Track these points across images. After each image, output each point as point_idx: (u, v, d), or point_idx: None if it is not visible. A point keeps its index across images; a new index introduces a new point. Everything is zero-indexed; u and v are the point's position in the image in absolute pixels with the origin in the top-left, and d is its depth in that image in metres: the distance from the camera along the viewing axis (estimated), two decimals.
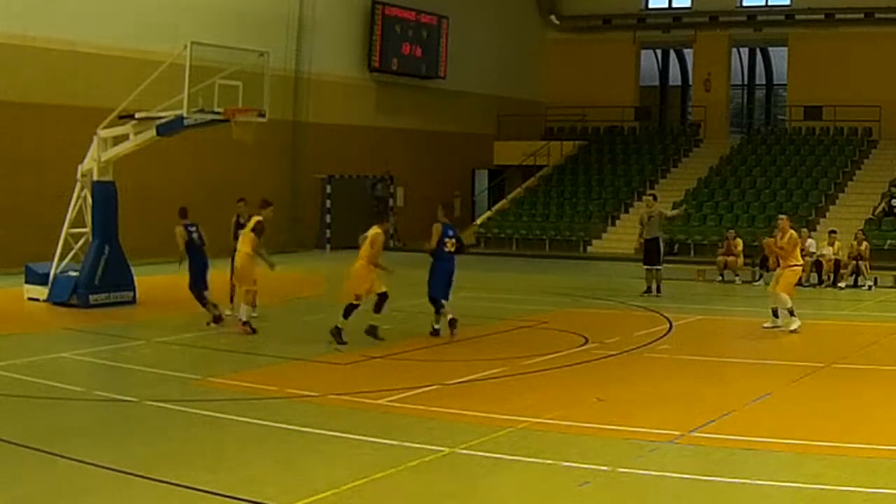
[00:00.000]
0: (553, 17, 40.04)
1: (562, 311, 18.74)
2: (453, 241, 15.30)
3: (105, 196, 18.59)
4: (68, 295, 18.21)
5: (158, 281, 20.02)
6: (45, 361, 13.12)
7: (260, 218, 15.58)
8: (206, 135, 21.86)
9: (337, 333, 14.32)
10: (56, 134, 23.35)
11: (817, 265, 22.59)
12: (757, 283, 22.47)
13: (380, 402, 10.75)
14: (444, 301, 15.20)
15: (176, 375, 12.18)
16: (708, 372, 12.99)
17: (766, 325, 15.87)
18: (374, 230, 14.78)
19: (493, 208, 35.33)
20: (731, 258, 23.71)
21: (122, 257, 18.58)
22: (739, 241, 23.98)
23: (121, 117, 18.57)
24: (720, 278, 23.56)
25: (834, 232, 23.72)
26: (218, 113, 17.96)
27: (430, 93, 35.33)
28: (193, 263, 16.18)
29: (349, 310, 14.45)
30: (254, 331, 15.17)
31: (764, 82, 42.98)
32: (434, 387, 11.60)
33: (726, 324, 17.12)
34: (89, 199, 18.68)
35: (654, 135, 38.52)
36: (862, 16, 34.92)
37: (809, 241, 23.15)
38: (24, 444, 8.97)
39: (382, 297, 14.60)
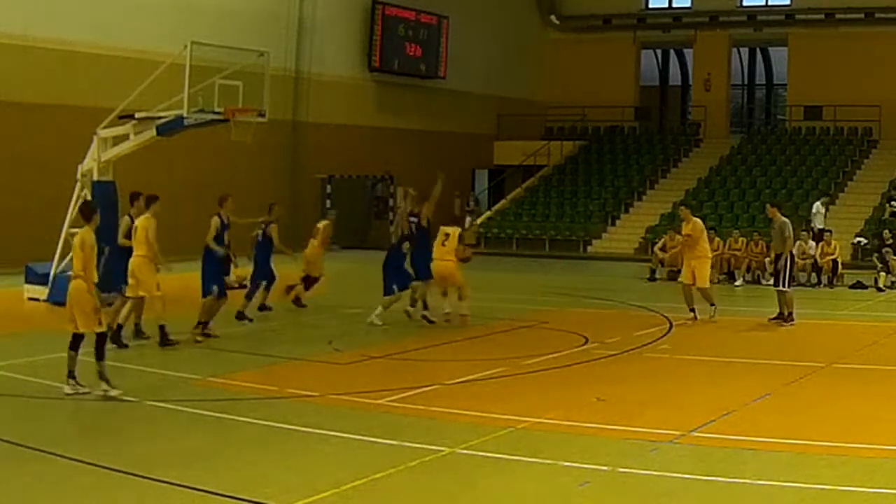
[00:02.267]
0: (553, 17, 40.05)
1: (562, 311, 18.74)
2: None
3: (105, 196, 18.56)
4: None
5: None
6: (45, 361, 13.10)
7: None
8: (206, 135, 21.85)
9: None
10: (56, 134, 23.34)
11: (815, 265, 22.67)
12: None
13: (380, 402, 10.74)
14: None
15: (176, 375, 12.18)
16: (708, 372, 12.99)
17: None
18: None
19: (493, 208, 35.34)
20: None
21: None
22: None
23: (121, 117, 18.57)
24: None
25: (829, 232, 23.71)
26: (218, 113, 17.96)
27: (430, 93, 35.34)
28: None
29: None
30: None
31: (764, 82, 42.99)
32: (434, 387, 11.59)
33: (726, 324, 17.10)
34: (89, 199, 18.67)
35: (654, 135, 38.54)
36: (862, 16, 34.95)
37: (811, 242, 23.18)
38: (24, 444, 8.96)
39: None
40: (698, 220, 17.55)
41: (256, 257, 17.03)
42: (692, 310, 16.97)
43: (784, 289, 16.54)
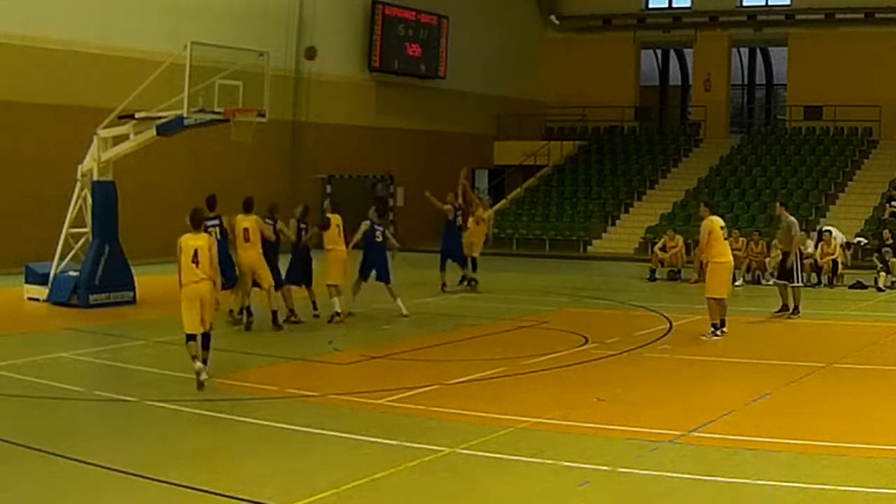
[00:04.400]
0: (553, 17, 40.05)
1: (562, 311, 18.74)
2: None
3: (105, 196, 18.59)
4: (68, 295, 18.21)
5: (158, 281, 20.00)
6: (45, 361, 13.11)
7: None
8: (206, 135, 21.85)
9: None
10: (56, 134, 23.35)
11: (816, 265, 22.67)
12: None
13: (380, 402, 10.74)
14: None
15: (176, 375, 12.16)
16: (708, 372, 12.99)
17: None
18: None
19: (493, 208, 35.30)
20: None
21: (122, 257, 18.58)
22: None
23: (121, 117, 18.56)
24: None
25: (829, 231, 23.70)
26: (218, 113, 17.95)
27: (430, 93, 35.33)
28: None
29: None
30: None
31: (764, 82, 43.01)
32: (434, 387, 11.59)
33: (726, 324, 17.09)
34: (89, 199, 18.68)
35: (654, 135, 38.53)
36: (862, 16, 34.93)
37: (809, 241, 23.19)
38: (24, 444, 8.97)
39: None
40: (710, 219, 15.23)
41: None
42: (716, 322, 15.14)
43: (797, 284, 17.51)
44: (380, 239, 17.36)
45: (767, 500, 7.71)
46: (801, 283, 17.74)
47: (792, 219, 17.82)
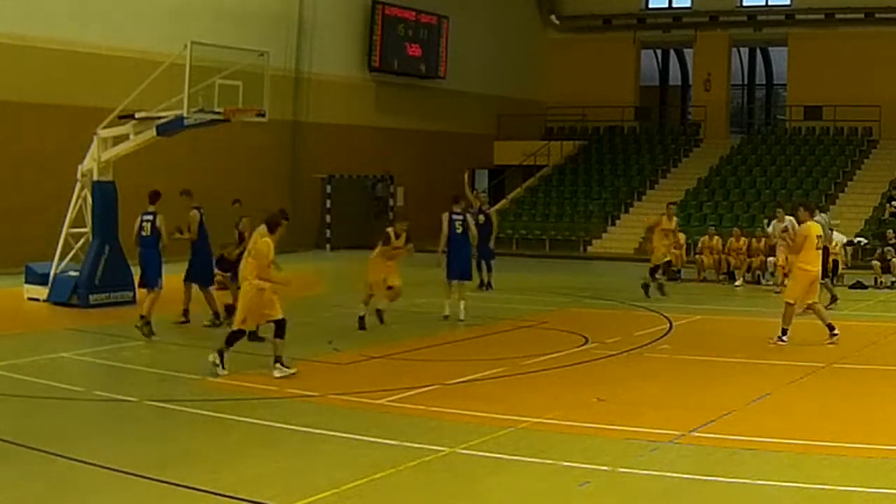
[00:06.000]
0: (553, 17, 40.07)
1: (562, 311, 18.74)
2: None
3: (105, 196, 18.59)
4: (68, 295, 18.21)
5: None
6: (45, 361, 13.11)
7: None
8: (206, 135, 21.86)
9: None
10: (56, 134, 23.34)
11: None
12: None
13: (380, 402, 10.75)
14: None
15: (176, 375, 12.18)
16: (708, 372, 12.99)
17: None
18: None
19: (493, 208, 35.28)
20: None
21: (122, 257, 18.58)
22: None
23: (121, 117, 18.57)
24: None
25: (831, 230, 23.67)
26: (218, 113, 17.96)
27: (430, 93, 35.34)
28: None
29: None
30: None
31: (764, 82, 43.02)
32: (434, 387, 11.60)
33: (726, 324, 17.10)
34: (89, 199, 18.68)
35: (654, 135, 38.54)
36: (862, 16, 34.96)
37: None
38: (24, 444, 8.97)
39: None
40: (810, 224, 14.69)
41: None
42: (828, 326, 14.60)
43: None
44: (460, 230, 16.85)
45: (767, 500, 7.71)
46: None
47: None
